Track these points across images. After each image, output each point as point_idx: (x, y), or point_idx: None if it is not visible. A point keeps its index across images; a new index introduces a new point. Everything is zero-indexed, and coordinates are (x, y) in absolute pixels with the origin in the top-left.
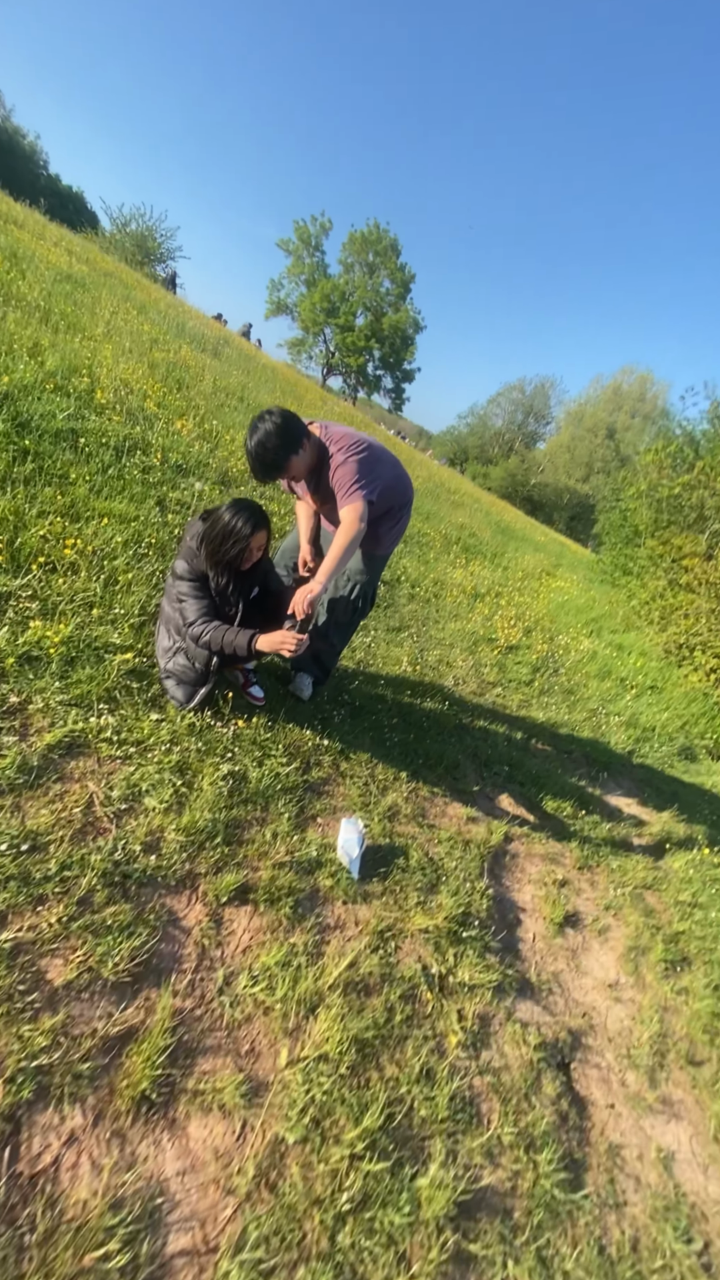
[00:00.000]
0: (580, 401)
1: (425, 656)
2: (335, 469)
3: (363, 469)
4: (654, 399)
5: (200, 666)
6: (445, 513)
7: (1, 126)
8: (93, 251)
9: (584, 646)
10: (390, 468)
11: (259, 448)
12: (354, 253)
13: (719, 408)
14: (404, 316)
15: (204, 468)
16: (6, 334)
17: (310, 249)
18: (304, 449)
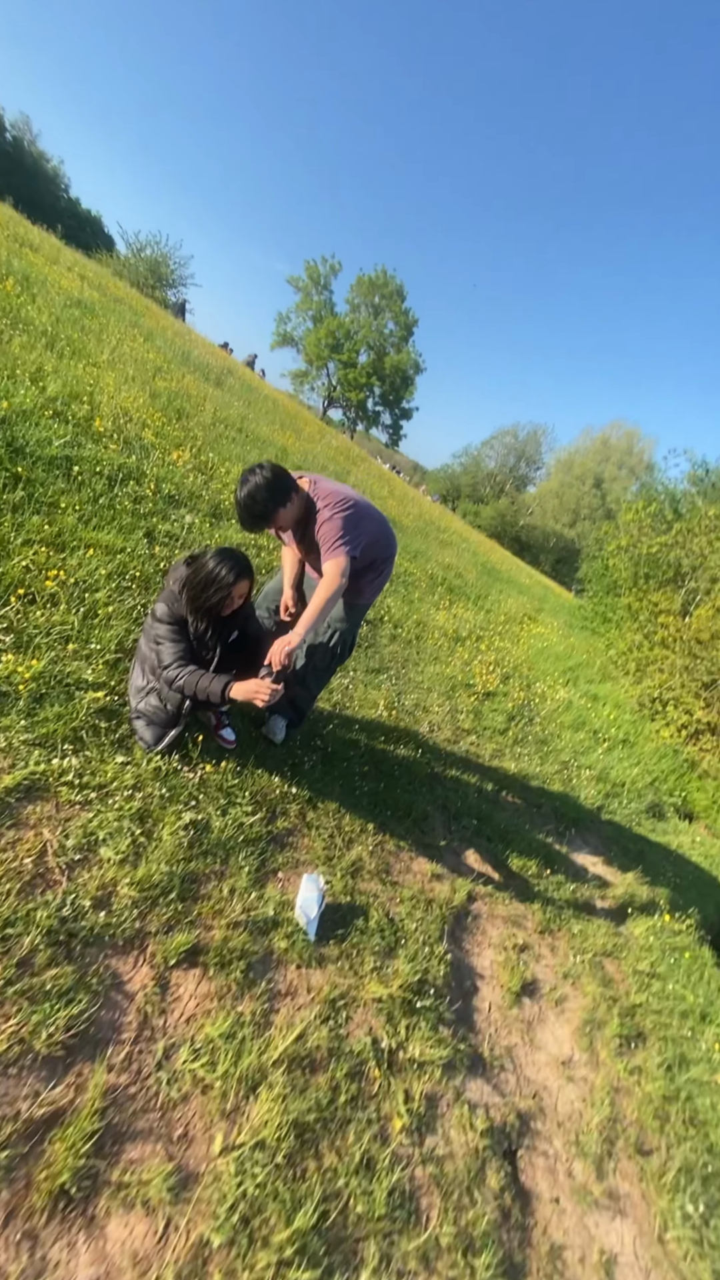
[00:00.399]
0: (570, 450)
1: (402, 700)
2: (321, 524)
3: (347, 525)
4: (640, 453)
5: (172, 708)
6: (433, 552)
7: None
8: (105, 277)
9: (560, 695)
10: (374, 524)
11: (248, 499)
12: (361, 294)
13: (697, 476)
14: (405, 358)
15: (196, 500)
16: (10, 358)
17: (319, 288)
18: (292, 502)
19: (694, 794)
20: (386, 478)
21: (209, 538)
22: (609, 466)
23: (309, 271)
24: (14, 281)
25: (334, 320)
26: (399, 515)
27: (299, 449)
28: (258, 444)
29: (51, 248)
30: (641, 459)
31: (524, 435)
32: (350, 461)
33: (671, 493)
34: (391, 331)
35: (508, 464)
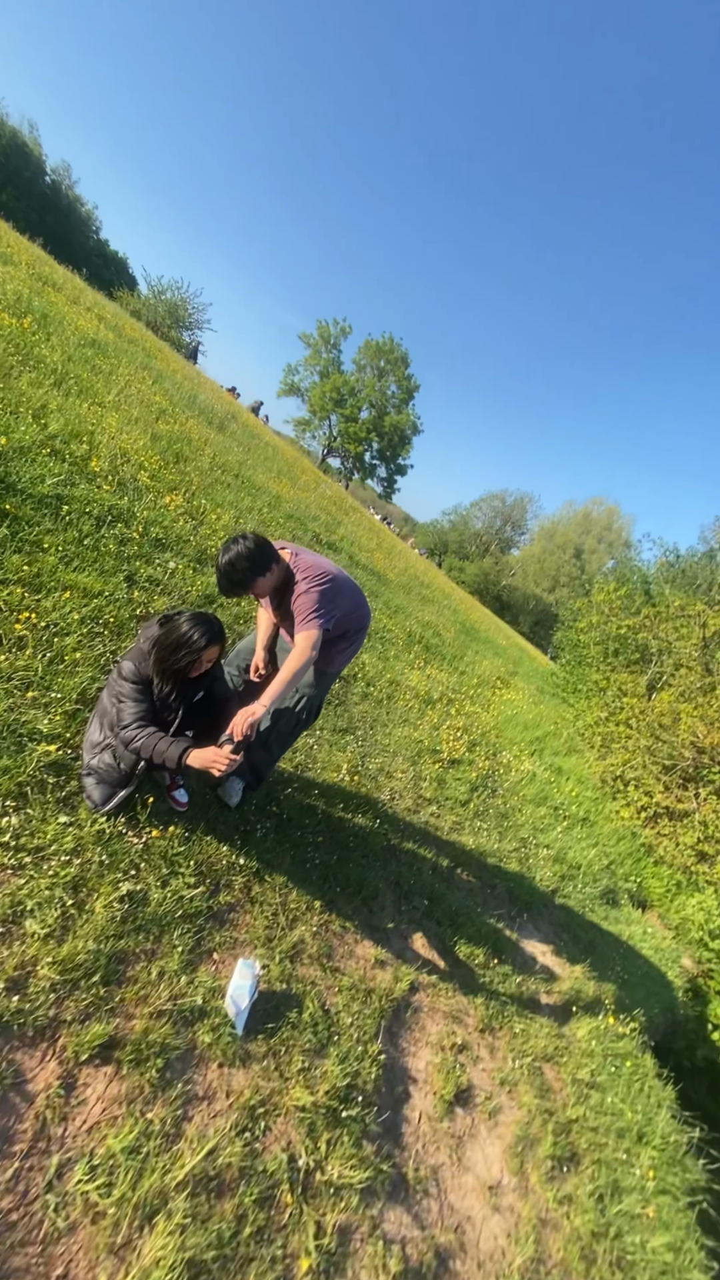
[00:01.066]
0: (553, 520)
1: (366, 764)
2: (298, 595)
3: (323, 599)
4: (619, 530)
5: (125, 768)
6: (414, 608)
7: (64, 193)
8: (123, 318)
9: (525, 767)
10: (350, 598)
11: (229, 566)
12: (368, 357)
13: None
14: (405, 419)
15: (183, 545)
16: (16, 394)
17: (329, 346)
18: (271, 572)
19: (649, 880)
20: (376, 529)
21: (191, 584)
22: (589, 539)
23: (320, 330)
24: (31, 320)
25: (340, 377)
26: (385, 569)
27: (293, 497)
28: (252, 491)
29: (74, 288)
30: (620, 535)
31: (511, 501)
32: (342, 511)
33: (644, 575)
34: (394, 394)
35: (494, 526)
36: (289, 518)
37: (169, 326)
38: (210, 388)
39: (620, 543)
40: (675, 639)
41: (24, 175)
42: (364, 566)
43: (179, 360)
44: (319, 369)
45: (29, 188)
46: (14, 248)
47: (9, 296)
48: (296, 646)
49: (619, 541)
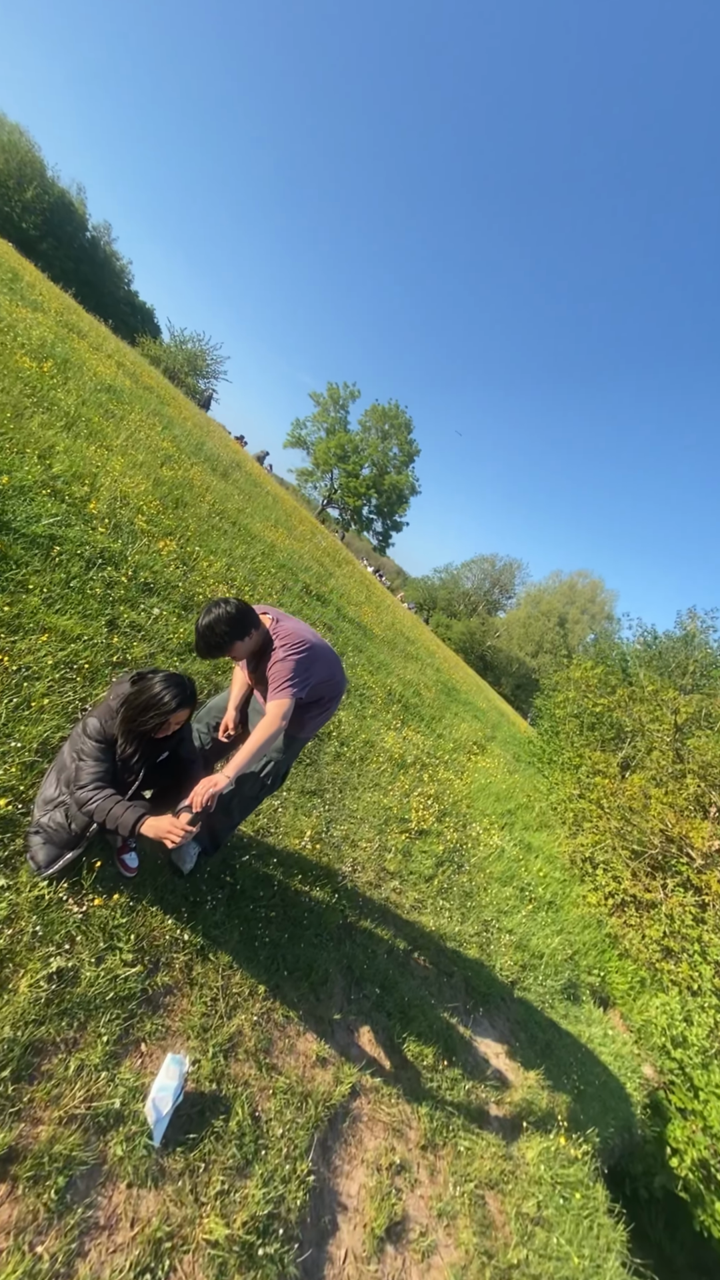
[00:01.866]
0: (540, 587)
1: (331, 831)
2: (274, 663)
3: (298, 669)
4: (602, 603)
5: (76, 829)
6: (396, 665)
7: (102, 248)
8: (142, 365)
9: (494, 841)
10: (326, 666)
11: (208, 629)
12: (373, 420)
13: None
14: (404, 480)
15: (171, 590)
16: (26, 435)
17: (337, 406)
18: (250, 637)
19: (613, 975)
20: (367, 582)
21: (174, 631)
22: (573, 609)
23: (330, 392)
24: (52, 364)
25: (345, 435)
26: (372, 623)
27: (287, 547)
28: (248, 539)
29: (98, 335)
30: (602, 608)
31: (501, 565)
32: (335, 563)
33: (623, 653)
34: (395, 455)
35: (483, 587)
36: (281, 567)
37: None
38: (219, 435)
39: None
40: (649, 720)
41: (66, 230)
42: (351, 620)
43: (191, 408)
44: (326, 426)
45: (70, 241)
46: (45, 296)
47: (33, 341)
48: (268, 714)
49: (601, 614)
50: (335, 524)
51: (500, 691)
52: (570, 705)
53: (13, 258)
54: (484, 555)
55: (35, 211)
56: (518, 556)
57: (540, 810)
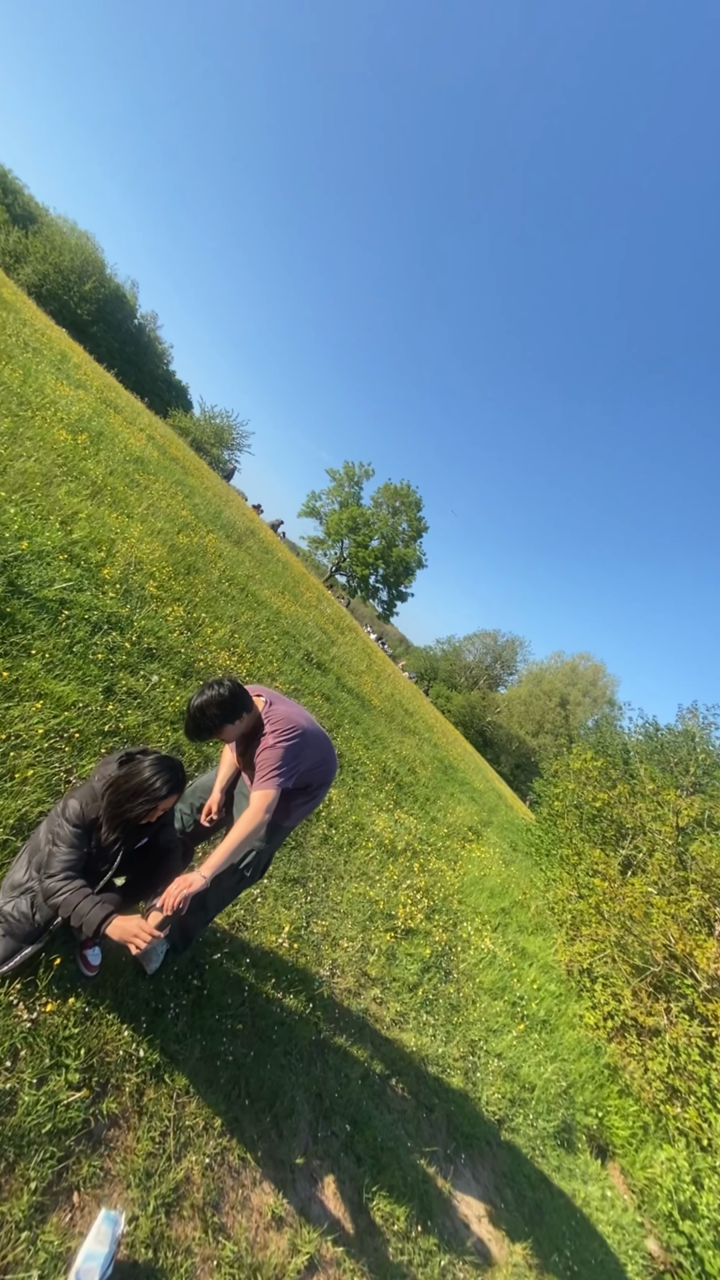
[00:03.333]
0: (542, 666)
1: (311, 927)
2: (263, 749)
3: (287, 756)
4: (604, 688)
5: (40, 920)
6: (393, 740)
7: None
8: (171, 438)
9: (485, 945)
10: (316, 751)
11: (199, 711)
12: (385, 497)
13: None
14: (411, 553)
15: (173, 656)
16: (52, 502)
17: (351, 482)
18: (241, 720)
19: (612, 1117)
20: (369, 650)
21: (170, 698)
22: (574, 691)
23: (346, 469)
24: (87, 437)
25: (357, 509)
26: (371, 693)
27: (292, 614)
28: (254, 605)
29: (133, 410)
30: (604, 692)
31: (503, 641)
32: (339, 630)
33: (624, 745)
34: (404, 530)
35: (484, 662)
36: (284, 634)
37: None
38: (237, 504)
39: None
40: (650, 819)
41: (117, 317)
42: (350, 690)
43: (213, 477)
44: (340, 500)
45: (119, 326)
46: (89, 375)
47: (72, 416)
48: (251, 806)
49: (603, 698)
50: (342, 590)
51: (499, 770)
52: (569, 797)
53: (64, 341)
54: (486, 630)
55: (91, 301)
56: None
57: (536, 909)
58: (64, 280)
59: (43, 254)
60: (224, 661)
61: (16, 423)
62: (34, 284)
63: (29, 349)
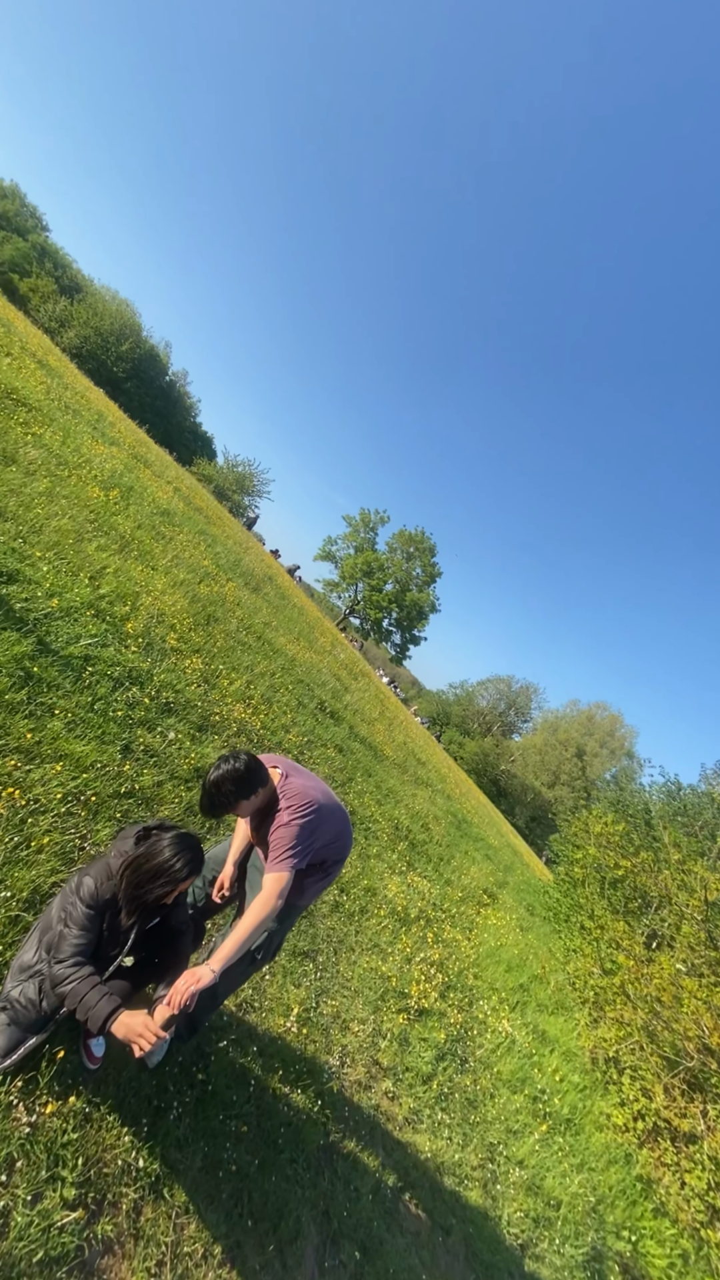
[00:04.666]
0: (557, 715)
1: (320, 1008)
2: (277, 827)
3: (301, 835)
4: (621, 739)
5: (47, 1009)
6: (405, 793)
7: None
8: (196, 489)
9: (503, 1027)
10: (333, 826)
11: (214, 786)
12: (400, 543)
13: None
14: (425, 598)
15: (189, 710)
16: (82, 558)
17: (367, 528)
18: (257, 795)
19: (647, 1242)
20: (382, 696)
21: (185, 756)
22: (591, 741)
23: (362, 516)
24: (118, 492)
25: (372, 554)
26: (383, 743)
27: (307, 661)
28: (270, 653)
29: (162, 463)
30: (622, 744)
31: (517, 688)
32: (352, 676)
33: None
34: (418, 575)
35: (498, 708)
36: (298, 683)
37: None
38: (256, 551)
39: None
40: (676, 888)
41: (150, 373)
42: (362, 740)
43: (235, 525)
44: (355, 545)
45: (151, 383)
46: (122, 432)
47: (105, 473)
48: (265, 890)
49: (621, 749)
50: (355, 632)
51: (514, 823)
52: (589, 862)
53: (101, 401)
54: (500, 675)
55: (127, 360)
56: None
57: (556, 984)
58: (103, 342)
59: (85, 319)
60: (239, 714)
61: (54, 482)
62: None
63: (69, 411)
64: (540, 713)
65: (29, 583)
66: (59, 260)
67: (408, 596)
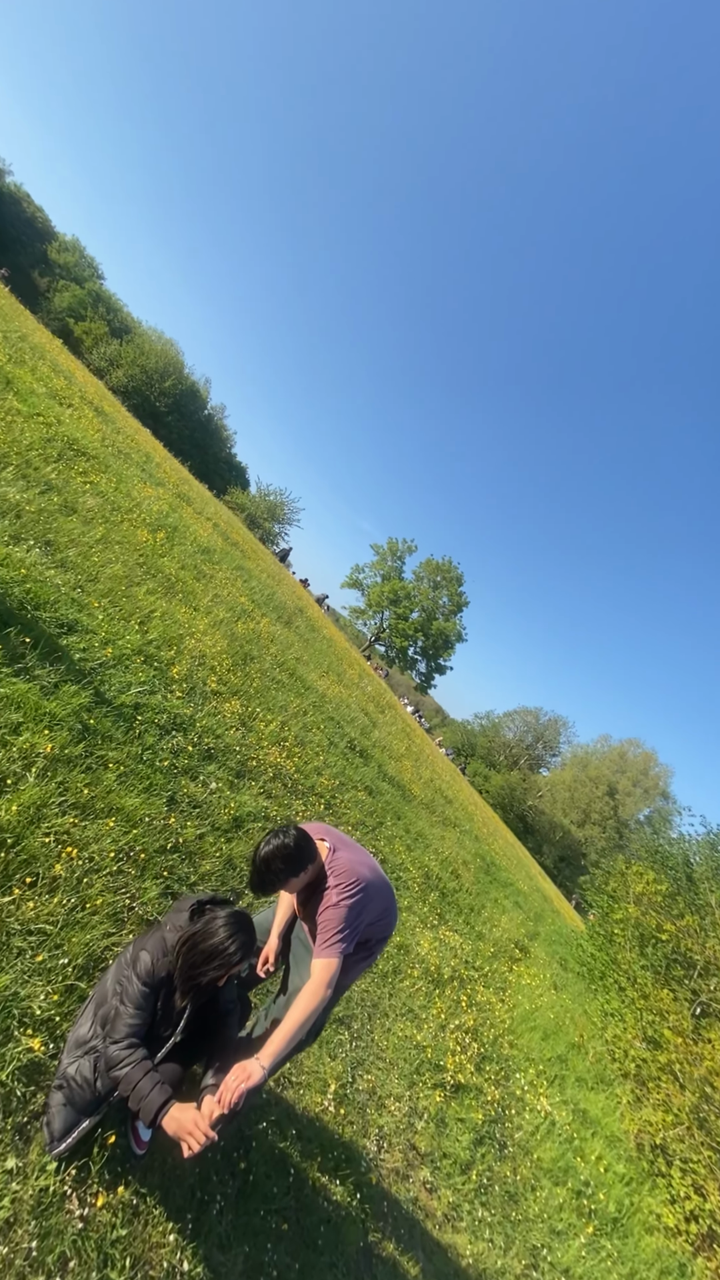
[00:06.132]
0: (587, 750)
1: (356, 1081)
2: (325, 908)
3: (350, 916)
4: (655, 778)
5: (101, 1090)
6: (434, 836)
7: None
8: (233, 522)
9: (542, 1105)
10: (379, 904)
11: (264, 863)
12: (427, 572)
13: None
14: (451, 627)
15: (229, 755)
16: (133, 603)
17: (394, 557)
18: (306, 872)
19: None
20: (408, 730)
21: (225, 806)
22: (624, 780)
23: (390, 545)
24: (164, 534)
25: (399, 583)
26: (411, 781)
27: (337, 696)
28: (302, 690)
29: (201, 499)
30: (656, 783)
31: (545, 720)
32: (379, 710)
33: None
34: (444, 604)
35: (525, 741)
36: (329, 720)
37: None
38: (288, 582)
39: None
40: None
41: (190, 408)
42: (391, 779)
43: (268, 558)
44: (382, 573)
45: (190, 416)
46: (167, 472)
47: (153, 515)
48: (313, 980)
49: (655, 789)
50: (381, 659)
51: (542, 862)
52: (629, 921)
53: (149, 442)
54: (527, 707)
55: (169, 395)
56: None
57: (595, 1053)
58: (148, 378)
59: (133, 358)
60: (274, 758)
61: (108, 528)
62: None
63: (121, 455)
64: (569, 747)
65: (86, 632)
66: (111, 305)
67: (434, 625)
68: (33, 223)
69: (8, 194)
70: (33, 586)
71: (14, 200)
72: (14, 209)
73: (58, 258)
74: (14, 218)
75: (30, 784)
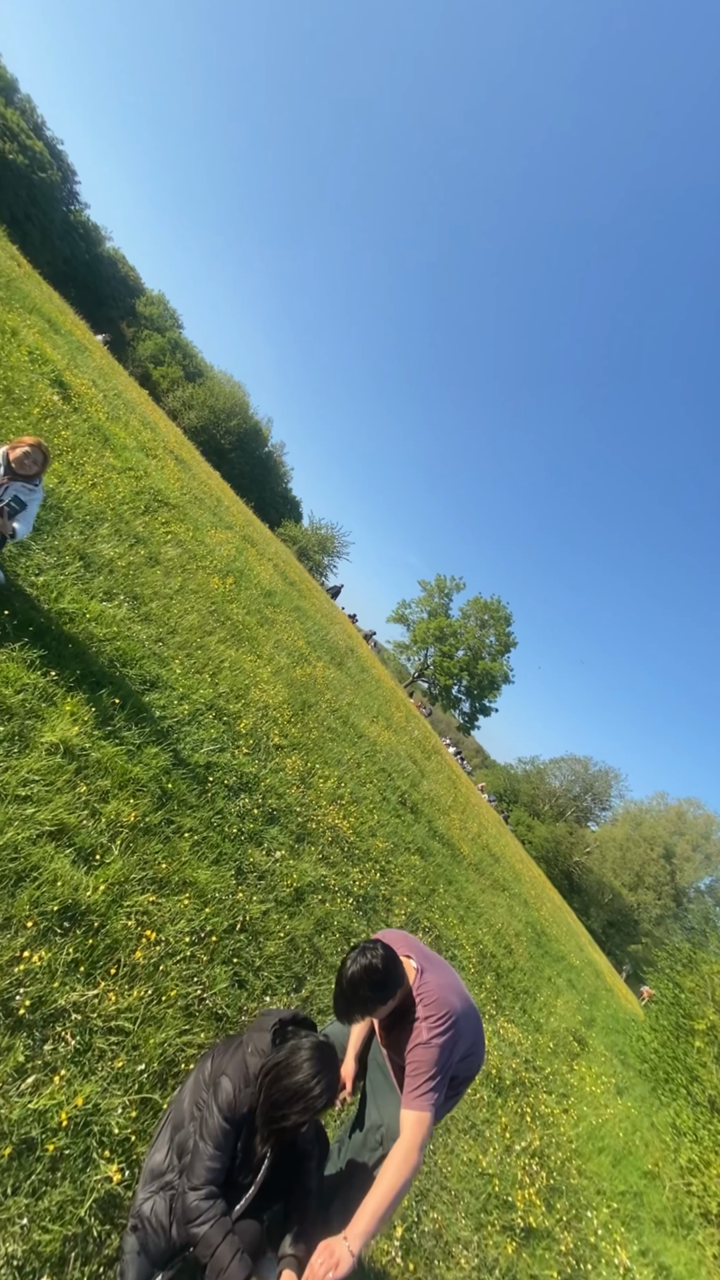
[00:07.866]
0: (641, 807)
1: (422, 1223)
2: (416, 1043)
3: (441, 1058)
4: (718, 843)
5: (178, 1242)
6: (486, 903)
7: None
8: (289, 560)
9: (620, 1260)
10: (469, 1037)
11: (351, 989)
12: (475, 610)
13: None
14: (498, 667)
15: (289, 816)
16: (207, 654)
17: (441, 594)
18: (394, 998)
19: None
20: (454, 778)
21: (288, 873)
22: (682, 843)
23: (438, 582)
24: (233, 579)
25: (445, 620)
26: (459, 837)
27: (387, 743)
28: (355, 739)
29: (264, 540)
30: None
31: (595, 770)
32: (425, 755)
33: None
34: (491, 644)
35: (572, 791)
36: (380, 771)
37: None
38: (340, 620)
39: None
40: None
41: (251, 445)
42: (440, 836)
43: (320, 595)
44: (429, 609)
45: (252, 453)
46: (234, 514)
47: (223, 560)
48: (404, 1141)
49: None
50: (424, 696)
51: (588, 925)
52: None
53: (220, 486)
54: (576, 755)
55: (234, 434)
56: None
57: (672, 1184)
58: (215, 418)
59: (204, 400)
60: (332, 819)
61: (185, 577)
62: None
63: (196, 501)
64: (621, 802)
65: (166, 687)
66: (188, 351)
67: (480, 665)
68: (125, 281)
69: (107, 257)
70: (122, 644)
71: (111, 262)
72: (111, 269)
73: (144, 310)
74: (110, 277)
75: (115, 857)
